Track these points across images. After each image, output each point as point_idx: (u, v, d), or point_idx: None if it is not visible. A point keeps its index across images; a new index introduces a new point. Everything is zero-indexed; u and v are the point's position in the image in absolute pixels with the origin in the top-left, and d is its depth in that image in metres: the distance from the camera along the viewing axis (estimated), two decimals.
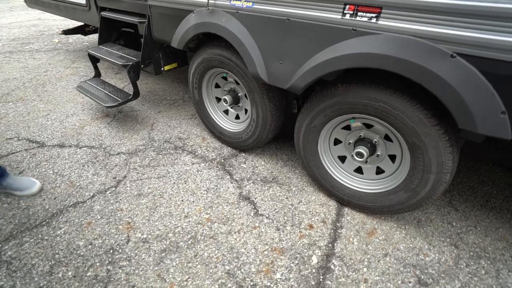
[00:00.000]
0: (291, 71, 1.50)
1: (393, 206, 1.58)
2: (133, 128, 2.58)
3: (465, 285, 1.43)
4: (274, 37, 1.50)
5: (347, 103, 1.46)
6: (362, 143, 1.61)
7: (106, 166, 2.14)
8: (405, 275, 1.46)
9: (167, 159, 2.22)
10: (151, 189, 1.94)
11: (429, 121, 1.26)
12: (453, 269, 1.50)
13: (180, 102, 3.04)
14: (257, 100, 1.86)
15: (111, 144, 2.38)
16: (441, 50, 1.08)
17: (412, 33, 1.12)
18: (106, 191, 1.92)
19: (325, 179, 1.81)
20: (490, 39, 0.97)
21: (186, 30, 1.89)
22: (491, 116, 1.07)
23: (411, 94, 1.27)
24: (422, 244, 1.61)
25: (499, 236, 1.69)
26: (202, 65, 2.06)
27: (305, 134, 1.75)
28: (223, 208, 1.82)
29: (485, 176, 2.12)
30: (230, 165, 2.18)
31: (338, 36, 1.29)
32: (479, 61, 1.03)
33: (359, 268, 1.49)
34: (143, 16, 2.27)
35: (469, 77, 1.05)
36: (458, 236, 1.67)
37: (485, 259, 1.56)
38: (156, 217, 1.75)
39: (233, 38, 1.64)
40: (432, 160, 1.33)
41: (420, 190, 1.44)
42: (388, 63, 1.18)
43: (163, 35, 2.16)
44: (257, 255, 1.54)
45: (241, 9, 1.59)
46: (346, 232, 1.68)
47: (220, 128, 2.30)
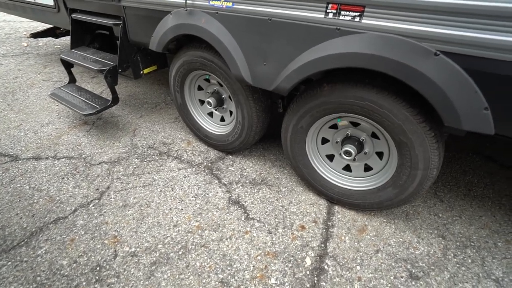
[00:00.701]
0: (275, 72, 1.47)
1: (382, 202, 1.59)
2: (114, 135, 2.48)
3: (454, 275, 1.47)
4: (256, 38, 1.46)
5: (333, 102, 1.44)
6: (349, 142, 1.61)
7: (87, 177, 2.04)
8: (397, 270, 1.48)
9: (152, 166, 2.15)
10: (137, 199, 1.87)
11: (415, 118, 1.26)
12: (442, 260, 1.54)
13: (162, 105, 2.95)
14: (242, 101, 1.82)
15: (92, 153, 2.27)
16: (425, 48, 1.07)
17: (396, 32, 1.11)
18: (89, 204, 1.83)
19: (315, 178, 1.81)
20: (473, 37, 0.98)
21: (165, 32, 1.81)
22: (474, 113, 1.09)
23: (397, 92, 1.27)
24: (411, 238, 1.64)
25: (482, 224, 1.74)
26: (183, 67, 1.99)
27: (293, 135, 1.73)
28: (213, 214, 1.78)
29: (466, 166, 2.19)
30: (217, 168, 2.14)
31: (322, 36, 1.27)
32: (462, 59, 1.03)
33: (352, 266, 1.50)
34: (117, 18, 2.16)
35: (452, 75, 1.06)
36: (444, 227, 1.72)
37: (470, 248, 1.60)
38: (144, 228, 1.68)
39: (214, 39, 1.58)
40: (419, 157, 1.34)
41: (408, 186, 1.46)
42: (373, 62, 1.18)
43: (140, 37, 2.07)
44: (250, 261, 1.52)
45: (221, 9, 1.53)
46: (338, 231, 1.68)
47: (205, 131, 2.24)
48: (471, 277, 1.46)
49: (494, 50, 0.97)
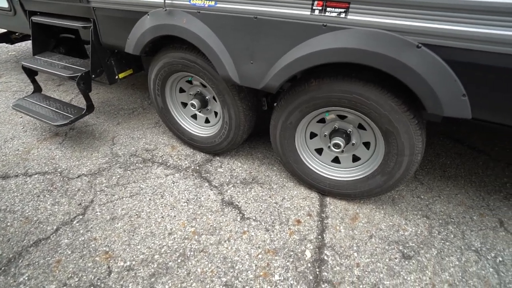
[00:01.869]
0: (263, 70, 1.47)
1: (372, 190, 1.67)
2: (91, 145, 2.33)
3: (440, 250, 1.59)
4: (242, 37, 1.45)
5: (321, 97, 1.48)
6: (337, 134, 1.66)
7: (66, 193, 1.90)
8: (390, 253, 1.56)
9: (137, 174, 2.06)
10: (126, 210, 1.78)
11: (400, 108, 1.34)
12: (429, 238, 1.65)
13: (140, 110, 2.83)
14: (228, 101, 1.80)
15: (68, 166, 2.12)
16: (408, 42, 1.14)
17: (381, 26, 1.16)
18: (72, 221, 1.71)
19: (305, 173, 1.84)
20: (451, 29, 1.06)
21: (142, 34, 1.73)
22: (454, 100, 1.17)
23: (382, 84, 1.33)
24: (399, 221, 1.74)
25: (458, 201, 1.89)
26: (163, 70, 1.92)
27: (282, 132, 1.75)
28: (207, 218, 1.75)
29: (439, 149, 2.36)
30: (206, 171, 2.10)
31: (308, 32, 1.29)
32: (442, 50, 1.11)
33: (350, 254, 1.56)
34: (86, 20, 2.03)
35: (434, 65, 1.14)
36: (427, 207, 1.84)
37: (451, 224, 1.74)
38: (137, 240, 1.61)
39: (197, 40, 1.55)
40: (405, 144, 1.42)
41: (395, 172, 1.54)
42: (360, 56, 1.22)
43: (113, 40, 1.96)
44: (252, 261, 1.52)
45: (203, 8, 1.50)
46: (332, 221, 1.74)
47: (190, 134, 2.19)
48: (455, 251, 1.58)
49: (470, 41, 1.05)
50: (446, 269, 1.49)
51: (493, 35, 1.01)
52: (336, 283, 1.42)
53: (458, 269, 1.49)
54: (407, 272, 1.47)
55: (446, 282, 1.43)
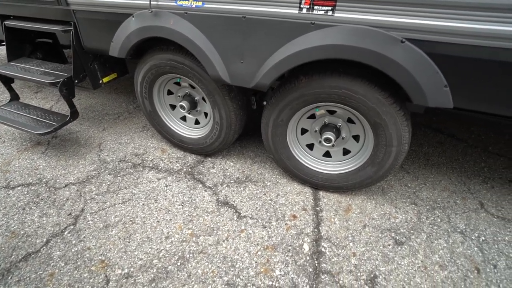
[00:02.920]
0: (254, 69, 1.49)
1: (363, 181, 1.73)
2: (77, 152, 2.26)
3: (429, 234, 1.67)
4: (231, 37, 1.46)
5: (311, 93, 1.52)
6: (327, 129, 1.71)
7: (54, 203, 1.83)
8: (384, 240, 1.63)
9: (128, 180, 2.01)
10: (119, 217, 1.74)
11: (387, 100, 1.40)
12: (418, 224, 1.73)
13: (126, 114, 2.76)
14: (219, 102, 1.80)
15: (54, 176, 2.04)
16: (392, 37, 1.19)
17: (366, 23, 1.21)
18: (63, 232, 1.66)
19: (298, 168, 1.88)
20: (432, 24, 1.12)
21: (127, 37, 1.70)
22: (437, 90, 1.24)
23: (369, 78, 1.38)
24: (390, 209, 1.82)
25: (443, 187, 2.00)
26: (150, 72, 1.89)
27: (274, 129, 1.77)
28: (204, 219, 1.75)
29: (421, 139, 2.47)
30: (199, 172, 2.09)
31: (297, 30, 1.32)
32: (424, 44, 1.17)
33: (346, 244, 1.61)
34: (66, 24, 1.96)
35: (417, 59, 1.20)
36: (414, 195, 1.93)
37: (438, 209, 1.83)
38: (133, 246, 1.58)
39: (186, 41, 1.54)
40: (392, 135, 1.49)
41: (385, 162, 1.60)
42: (347, 52, 1.27)
43: (96, 44, 1.90)
44: (251, 258, 1.53)
45: (190, 9, 1.49)
46: (327, 214, 1.78)
47: (180, 137, 2.17)
48: (443, 234, 1.67)
49: (449, 35, 1.12)
50: (435, 252, 1.57)
51: (469, 29, 1.08)
52: (335, 273, 1.47)
53: (447, 251, 1.57)
54: (401, 257, 1.54)
55: (437, 264, 1.51)
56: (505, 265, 1.50)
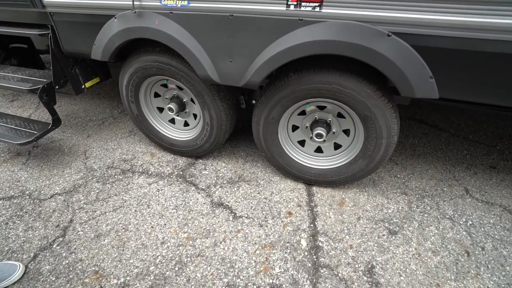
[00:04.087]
0: (243, 68, 1.48)
1: (355, 174, 1.76)
2: (61, 161, 2.16)
3: (421, 222, 1.72)
4: (219, 36, 1.44)
5: (302, 90, 1.53)
6: (318, 125, 1.72)
7: (40, 215, 1.75)
8: (378, 231, 1.67)
9: (118, 186, 1.95)
10: (111, 225, 1.69)
11: (376, 94, 1.43)
12: (409, 213, 1.78)
13: (111, 120, 2.68)
14: (208, 102, 1.78)
15: (38, 187, 1.95)
16: (379, 31, 1.22)
17: (353, 18, 1.23)
18: (51, 245, 1.58)
19: (290, 165, 1.89)
20: (417, 18, 1.15)
21: (110, 39, 1.65)
22: (423, 82, 1.28)
23: (358, 72, 1.41)
24: (382, 200, 1.86)
25: (430, 176, 2.07)
26: (136, 75, 1.84)
27: (265, 127, 1.77)
28: (199, 221, 1.72)
29: (407, 131, 2.55)
30: (191, 175, 2.06)
31: (286, 27, 1.32)
32: (409, 37, 1.20)
33: (342, 237, 1.63)
34: (43, 27, 1.87)
35: (404, 52, 1.23)
36: (404, 185, 1.98)
37: (427, 197, 1.89)
38: (128, 254, 1.54)
39: (173, 42, 1.51)
40: (382, 127, 1.52)
41: (375, 155, 1.64)
42: (336, 47, 1.28)
43: (77, 47, 1.83)
44: (250, 257, 1.53)
45: (176, 8, 1.46)
46: (321, 209, 1.80)
47: (169, 140, 2.13)
48: (433, 221, 1.73)
49: (433, 28, 1.16)
50: (428, 238, 1.62)
51: (452, 22, 1.13)
52: (334, 266, 1.48)
53: (438, 237, 1.63)
54: (395, 246, 1.58)
55: (430, 250, 1.56)
56: (492, 247, 1.57)
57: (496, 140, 2.39)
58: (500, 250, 1.56)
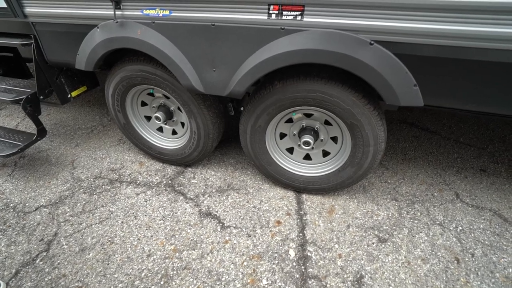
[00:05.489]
0: (227, 77, 1.46)
1: (344, 181, 1.74)
2: (47, 172, 2.13)
3: (411, 229, 1.71)
4: (201, 45, 1.43)
5: (287, 98, 1.51)
6: (305, 132, 1.71)
7: (24, 229, 1.72)
8: (368, 239, 1.65)
9: (105, 197, 1.92)
10: (96, 238, 1.66)
11: (361, 102, 1.41)
12: (399, 219, 1.77)
13: (100, 128, 2.65)
14: (195, 111, 1.76)
15: (23, 199, 1.91)
16: (361, 39, 1.21)
17: (335, 27, 1.22)
18: (34, 260, 1.55)
19: (279, 173, 1.87)
20: (399, 26, 1.14)
21: (93, 49, 1.62)
22: (407, 90, 1.27)
23: (343, 81, 1.39)
24: (372, 207, 1.84)
25: (420, 181, 2.06)
26: (121, 84, 1.82)
27: (252, 136, 1.75)
28: (186, 232, 1.70)
29: (398, 134, 2.54)
30: (179, 184, 2.03)
31: (268, 36, 1.31)
32: (392, 46, 1.19)
33: (331, 246, 1.61)
34: (26, 37, 1.84)
35: (386, 60, 1.22)
36: (394, 190, 1.97)
37: (417, 203, 1.88)
38: (113, 268, 1.51)
39: (155, 52, 1.49)
40: (369, 135, 1.51)
41: (363, 162, 1.62)
42: (318, 56, 1.27)
43: (61, 57, 1.81)
44: (237, 269, 1.50)
45: (158, 18, 1.44)
46: (311, 217, 1.78)
47: (158, 148, 2.10)
48: (423, 227, 1.71)
49: (415, 36, 1.15)
50: (417, 246, 1.60)
51: (434, 30, 1.11)
52: (322, 277, 1.46)
53: (428, 244, 1.61)
54: (385, 255, 1.56)
55: (419, 258, 1.54)
56: (481, 253, 1.56)
57: (487, 142, 2.39)
58: (490, 256, 1.55)
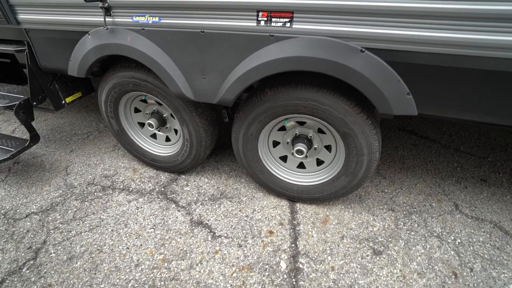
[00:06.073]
0: (217, 84, 1.44)
1: (338, 191, 1.70)
2: (41, 178, 2.12)
3: (407, 241, 1.65)
4: (191, 52, 1.41)
5: (278, 106, 1.48)
6: (299, 140, 1.67)
7: (13, 237, 1.70)
8: (362, 251, 1.60)
9: (96, 204, 1.90)
10: (85, 246, 1.63)
11: (354, 110, 1.38)
12: (396, 231, 1.71)
13: (96, 134, 2.64)
14: (186, 118, 1.74)
15: (14, 206, 1.90)
16: (352, 47, 1.18)
17: (325, 34, 1.19)
18: (21, 269, 1.53)
19: (273, 182, 1.83)
20: (391, 33, 1.11)
21: (85, 55, 1.62)
22: (400, 98, 1.23)
23: (335, 88, 1.36)
24: (368, 217, 1.79)
25: (418, 191, 2.00)
26: (113, 91, 1.81)
27: (244, 144, 1.72)
28: (177, 242, 1.66)
29: (396, 142, 2.49)
30: (172, 191, 2.00)
31: (257, 43, 1.29)
32: (384, 53, 1.16)
33: (324, 258, 1.56)
34: (20, 43, 1.85)
35: (378, 68, 1.18)
36: (391, 200, 1.92)
37: (414, 214, 1.83)
38: (99, 278, 1.47)
39: (145, 58, 1.47)
40: (362, 144, 1.47)
41: (357, 172, 1.58)
42: (308, 64, 1.24)
43: (53, 63, 1.81)
44: (226, 281, 1.46)
45: (147, 25, 1.43)
46: (304, 227, 1.74)
47: (151, 155, 2.08)
48: (420, 239, 1.66)
49: (408, 44, 1.12)
50: (414, 259, 1.55)
51: (428, 37, 1.08)
52: None
53: (424, 257, 1.56)
54: (379, 268, 1.51)
55: (415, 272, 1.49)
56: (480, 268, 1.50)
57: (488, 151, 2.32)
58: (490, 271, 1.48)
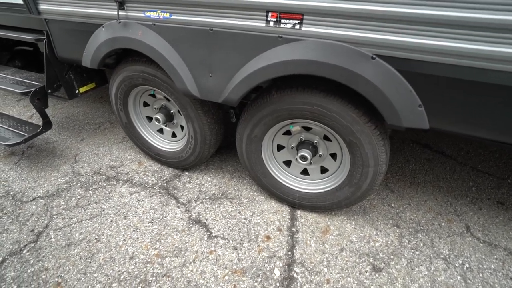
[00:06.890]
0: (222, 83, 1.42)
1: (341, 202, 1.64)
2: (50, 164, 2.18)
3: (410, 260, 1.57)
4: (199, 49, 1.40)
5: (284, 109, 1.45)
6: (304, 146, 1.63)
7: (18, 218, 1.75)
8: (361, 266, 1.53)
9: (99, 194, 1.93)
10: (84, 234, 1.66)
11: (361, 119, 1.32)
12: (399, 248, 1.63)
13: (107, 125, 2.70)
14: (192, 115, 1.74)
15: (23, 188, 1.96)
16: (362, 53, 1.13)
17: (335, 38, 1.15)
18: (22, 250, 1.57)
19: (275, 186, 1.80)
20: (404, 41, 1.05)
21: (98, 47, 1.65)
22: (411, 110, 1.17)
23: (343, 95, 1.31)
24: (370, 231, 1.72)
25: (427, 208, 1.90)
26: (124, 84, 1.83)
27: (248, 145, 1.70)
28: (172, 238, 1.66)
29: (408, 155, 2.39)
30: (174, 187, 2.01)
31: (265, 44, 1.26)
32: (396, 62, 1.10)
33: (320, 270, 1.51)
34: (39, 32, 1.92)
35: (389, 76, 1.13)
36: (397, 216, 1.83)
37: (421, 232, 1.73)
38: (94, 267, 1.49)
39: (154, 53, 1.48)
40: (368, 155, 1.40)
41: (362, 183, 1.52)
42: (315, 68, 1.20)
43: (69, 53, 1.85)
44: (217, 283, 1.44)
45: (158, 20, 1.44)
46: (303, 236, 1.69)
47: (156, 149, 2.10)
48: (424, 260, 1.57)
49: (422, 53, 1.05)
50: (415, 280, 1.47)
51: (444, 47, 1.01)
52: None
53: (427, 279, 1.47)
54: (377, 286, 1.44)
55: None
56: None
57: (509, 172, 2.18)
58: None
